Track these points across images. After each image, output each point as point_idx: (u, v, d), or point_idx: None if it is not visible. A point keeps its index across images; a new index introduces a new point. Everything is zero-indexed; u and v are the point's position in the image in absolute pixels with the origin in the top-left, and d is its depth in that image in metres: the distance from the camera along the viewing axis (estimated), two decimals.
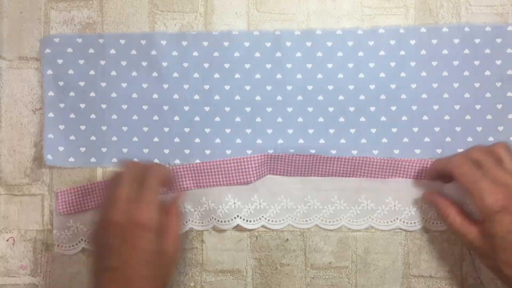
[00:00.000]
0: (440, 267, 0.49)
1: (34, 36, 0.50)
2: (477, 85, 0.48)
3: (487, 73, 0.48)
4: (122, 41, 0.49)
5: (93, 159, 0.49)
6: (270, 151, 0.48)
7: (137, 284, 0.38)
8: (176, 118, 0.49)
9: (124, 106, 0.49)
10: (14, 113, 0.50)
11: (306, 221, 0.49)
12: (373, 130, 0.48)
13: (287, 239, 0.49)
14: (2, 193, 0.50)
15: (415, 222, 0.48)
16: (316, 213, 0.48)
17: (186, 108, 0.49)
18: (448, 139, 0.48)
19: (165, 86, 0.49)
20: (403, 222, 0.48)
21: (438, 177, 0.46)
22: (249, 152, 0.49)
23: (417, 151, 0.48)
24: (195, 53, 0.49)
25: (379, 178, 0.48)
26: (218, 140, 0.49)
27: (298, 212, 0.49)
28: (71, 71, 0.49)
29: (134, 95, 0.49)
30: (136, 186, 0.41)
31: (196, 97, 0.49)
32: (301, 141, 0.49)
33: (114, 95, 0.49)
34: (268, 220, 0.49)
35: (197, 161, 0.49)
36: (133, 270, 0.38)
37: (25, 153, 0.50)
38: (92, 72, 0.49)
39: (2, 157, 0.50)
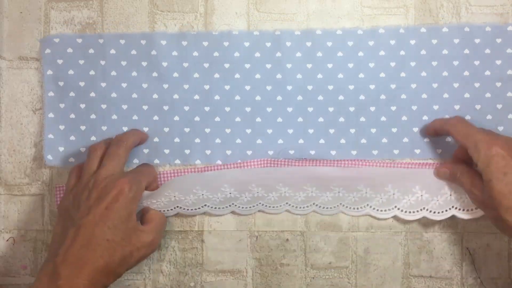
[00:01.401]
0: (440, 267, 0.49)
1: (34, 36, 0.50)
2: (477, 85, 0.48)
3: (487, 73, 0.48)
4: (122, 41, 0.49)
5: None
6: (270, 152, 0.48)
7: (99, 245, 0.40)
8: (176, 118, 0.49)
9: (124, 106, 0.49)
10: (14, 113, 0.50)
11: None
12: (373, 130, 0.48)
13: (287, 239, 0.49)
14: (2, 193, 0.50)
15: (442, 212, 0.47)
16: (314, 200, 0.48)
17: (186, 108, 0.49)
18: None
19: (165, 86, 0.49)
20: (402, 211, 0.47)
21: (434, 135, 0.48)
22: (249, 152, 0.49)
23: (417, 151, 0.48)
24: (195, 53, 0.49)
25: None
26: (218, 140, 0.49)
27: (295, 199, 0.48)
28: (71, 71, 0.49)
29: (134, 95, 0.49)
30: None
31: (196, 97, 0.49)
32: (301, 141, 0.49)
33: (114, 95, 0.49)
34: (265, 205, 0.48)
35: (198, 161, 0.49)
36: (99, 230, 0.40)
37: (25, 153, 0.50)
38: (92, 72, 0.49)
39: (2, 157, 0.50)
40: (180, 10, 0.49)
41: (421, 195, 0.47)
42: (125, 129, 0.49)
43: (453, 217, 0.46)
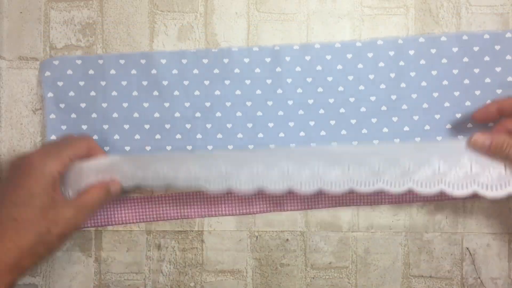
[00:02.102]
0: (440, 267, 0.49)
1: (34, 36, 0.50)
2: (477, 92, 0.48)
3: (487, 80, 0.48)
4: (122, 61, 0.49)
5: None
6: None
7: (4, 226, 0.38)
8: (178, 136, 0.49)
9: (126, 126, 0.49)
10: (14, 113, 0.50)
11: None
12: (376, 142, 0.48)
13: (287, 239, 0.49)
14: None
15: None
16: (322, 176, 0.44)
17: (188, 126, 0.49)
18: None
19: (166, 104, 0.49)
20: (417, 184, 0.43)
21: (486, 119, 0.45)
22: None
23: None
24: (195, 71, 0.49)
25: (388, 203, 0.48)
26: None
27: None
28: (71, 93, 0.49)
29: (136, 115, 0.49)
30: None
31: (198, 114, 0.49)
32: None
33: (115, 115, 0.49)
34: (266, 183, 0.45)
35: None
36: (6, 209, 0.38)
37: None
38: (93, 93, 0.49)
39: (2, 157, 0.50)
40: (180, 10, 0.49)
41: (438, 167, 0.43)
42: (127, 148, 0.49)
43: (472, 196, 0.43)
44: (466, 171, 0.42)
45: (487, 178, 0.42)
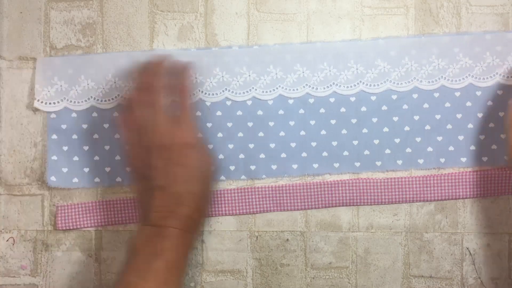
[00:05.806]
0: (440, 267, 0.49)
1: (34, 36, 0.49)
2: (478, 93, 0.48)
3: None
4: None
5: (97, 179, 0.49)
6: (274, 166, 0.49)
7: (186, 199, 0.41)
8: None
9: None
10: (14, 113, 0.50)
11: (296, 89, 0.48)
12: (376, 142, 0.49)
13: (287, 239, 0.49)
14: (2, 193, 0.50)
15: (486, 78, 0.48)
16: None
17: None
18: (451, 148, 0.48)
19: None
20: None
21: None
22: (252, 167, 0.49)
23: (421, 161, 0.48)
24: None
25: (386, 203, 0.49)
26: (221, 156, 0.49)
27: (288, 81, 0.48)
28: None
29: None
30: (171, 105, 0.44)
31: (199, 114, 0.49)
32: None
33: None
34: (257, 90, 0.48)
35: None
36: (180, 186, 0.41)
37: (25, 153, 0.50)
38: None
39: (2, 157, 0.50)
40: (180, 10, 0.49)
41: (438, 64, 0.47)
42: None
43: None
44: (462, 65, 0.47)
45: (479, 70, 0.47)
